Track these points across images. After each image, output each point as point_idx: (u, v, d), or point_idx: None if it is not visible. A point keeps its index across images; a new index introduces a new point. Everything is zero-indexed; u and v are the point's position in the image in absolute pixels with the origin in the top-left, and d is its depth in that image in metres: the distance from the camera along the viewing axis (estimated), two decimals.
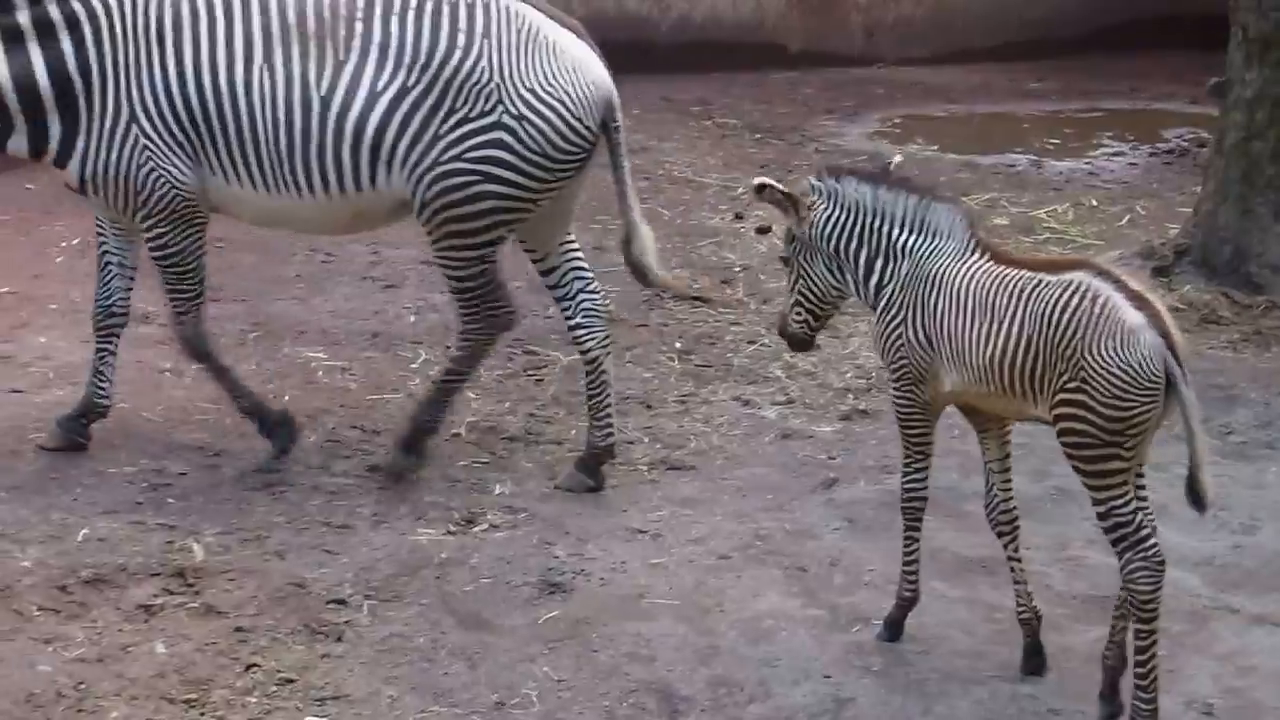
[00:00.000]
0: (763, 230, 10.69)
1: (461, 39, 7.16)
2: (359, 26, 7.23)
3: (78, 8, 7.24)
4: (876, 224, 6.17)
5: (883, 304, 6.14)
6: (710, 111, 14.01)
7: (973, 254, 6.04)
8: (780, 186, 6.32)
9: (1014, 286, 5.86)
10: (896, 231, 6.14)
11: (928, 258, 6.07)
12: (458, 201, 7.19)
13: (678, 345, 9.06)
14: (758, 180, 6.39)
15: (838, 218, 6.22)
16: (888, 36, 16.10)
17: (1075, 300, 5.71)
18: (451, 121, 7.15)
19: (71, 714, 5.78)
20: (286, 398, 8.30)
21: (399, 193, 7.26)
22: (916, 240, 6.11)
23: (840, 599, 6.64)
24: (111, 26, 7.24)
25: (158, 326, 8.80)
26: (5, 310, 9.28)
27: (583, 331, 7.54)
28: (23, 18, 7.24)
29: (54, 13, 7.24)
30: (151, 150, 7.24)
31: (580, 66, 7.30)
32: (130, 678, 5.98)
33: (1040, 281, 5.82)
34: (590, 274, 7.64)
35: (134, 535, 6.92)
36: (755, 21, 15.69)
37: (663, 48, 15.22)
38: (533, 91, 7.18)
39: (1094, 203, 11.81)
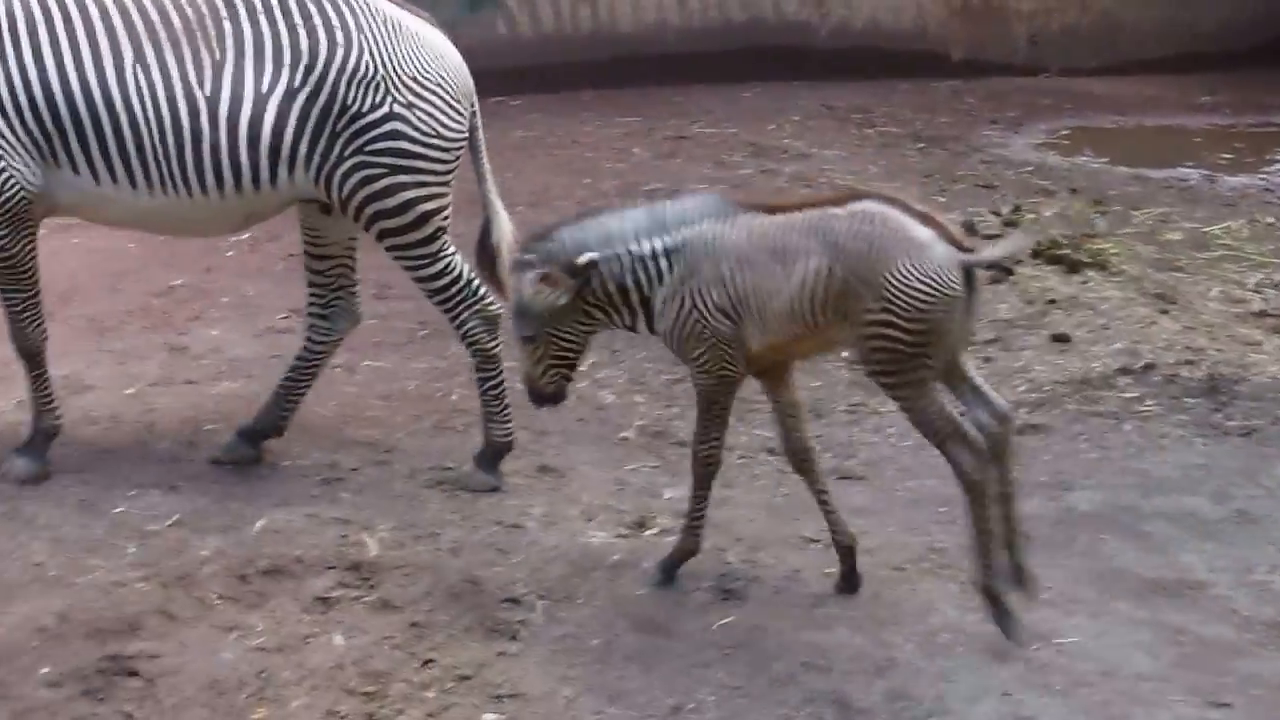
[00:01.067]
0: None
1: (339, 36, 7.22)
2: (228, 26, 7.22)
3: None
4: (620, 252, 6.39)
5: (668, 306, 6.37)
6: (871, 119, 13.97)
7: (741, 216, 6.33)
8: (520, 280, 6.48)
9: (803, 226, 6.19)
10: (643, 245, 6.38)
11: (694, 243, 6.32)
12: (376, 196, 7.25)
13: (845, 355, 9.01)
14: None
15: (599, 279, 6.40)
16: (1052, 46, 16.01)
17: (867, 226, 6.08)
18: (346, 118, 7.21)
19: (254, 701, 5.83)
20: (454, 396, 8.35)
21: (298, 190, 7.29)
22: (669, 238, 6.37)
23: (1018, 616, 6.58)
24: None
25: None
26: (179, 303, 9.40)
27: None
28: None
29: None
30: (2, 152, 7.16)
31: (444, 52, 7.45)
32: (310, 668, 6.02)
33: (829, 215, 6.16)
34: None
35: (309, 528, 6.97)
36: (916, 29, 15.64)
37: (821, 54, 15.20)
38: (414, 79, 7.28)
39: (1270, 220, 11.65)
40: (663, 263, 6.39)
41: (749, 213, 6.37)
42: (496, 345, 7.54)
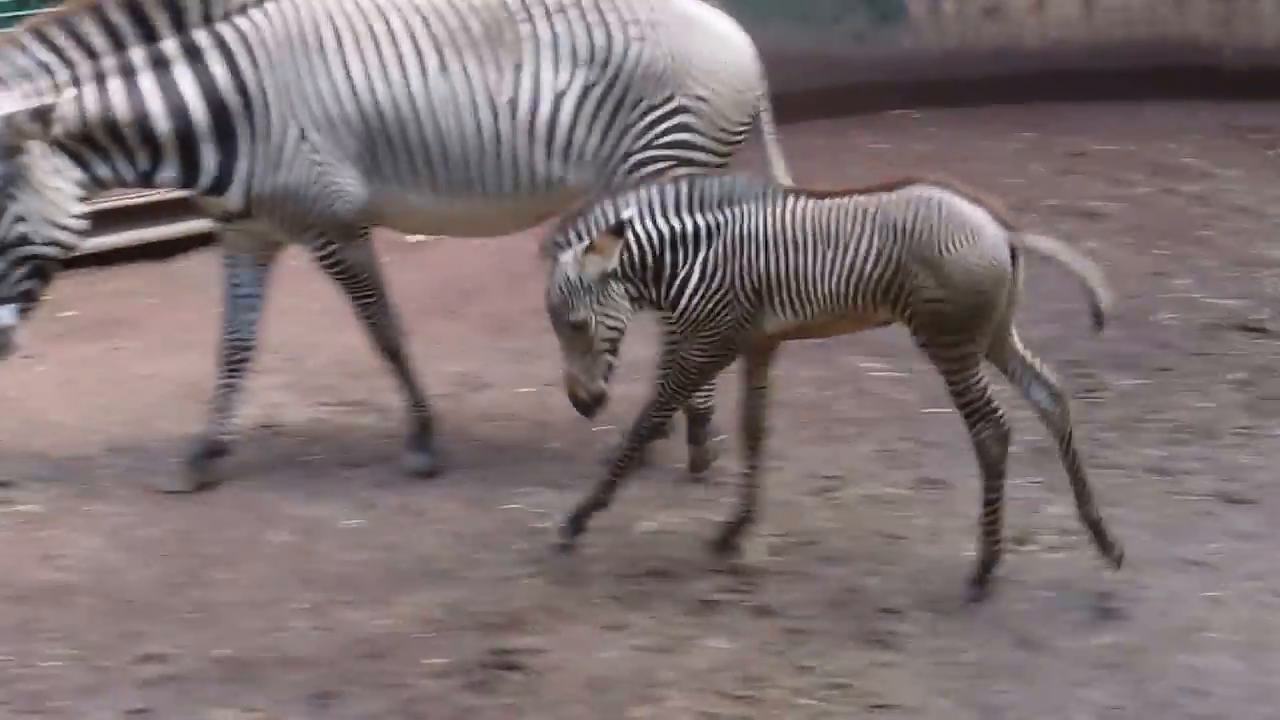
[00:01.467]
0: None
1: (633, 30, 7.29)
2: (525, 28, 7.33)
3: (226, 31, 7.28)
4: (659, 223, 6.53)
5: (700, 283, 6.51)
6: (1275, 141, 13.61)
7: (786, 200, 6.54)
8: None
9: (855, 212, 6.47)
10: (684, 219, 6.54)
11: (735, 223, 6.51)
12: None
13: (1238, 376, 8.84)
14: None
15: (639, 246, 6.51)
16: None
17: (925, 209, 6.38)
18: (638, 111, 7.29)
19: (633, 699, 5.97)
20: (840, 406, 8.41)
21: (583, 187, 7.35)
22: (709, 215, 6.54)
23: None
24: (265, 44, 7.29)
25: None
26: None
27: None
28: (169, 46, 7.26)
29: (202, 38, 7.27)
30: (324, 166, 7.31)
31: (733, 43, 7.48)
32: (689, 669, 6.14)
33: (883, 200, 6.46)
34: None
35: (694, 531, 7.10)
36: None
37: (1226, 72, 14.84)
38: (704, 72, 7.34)
39: None
40: (702, 238, 6.54)
41: (793, 197, 6.58)
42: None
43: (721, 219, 6.56)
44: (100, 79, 7.18)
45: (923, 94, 14.05)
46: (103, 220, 9.99)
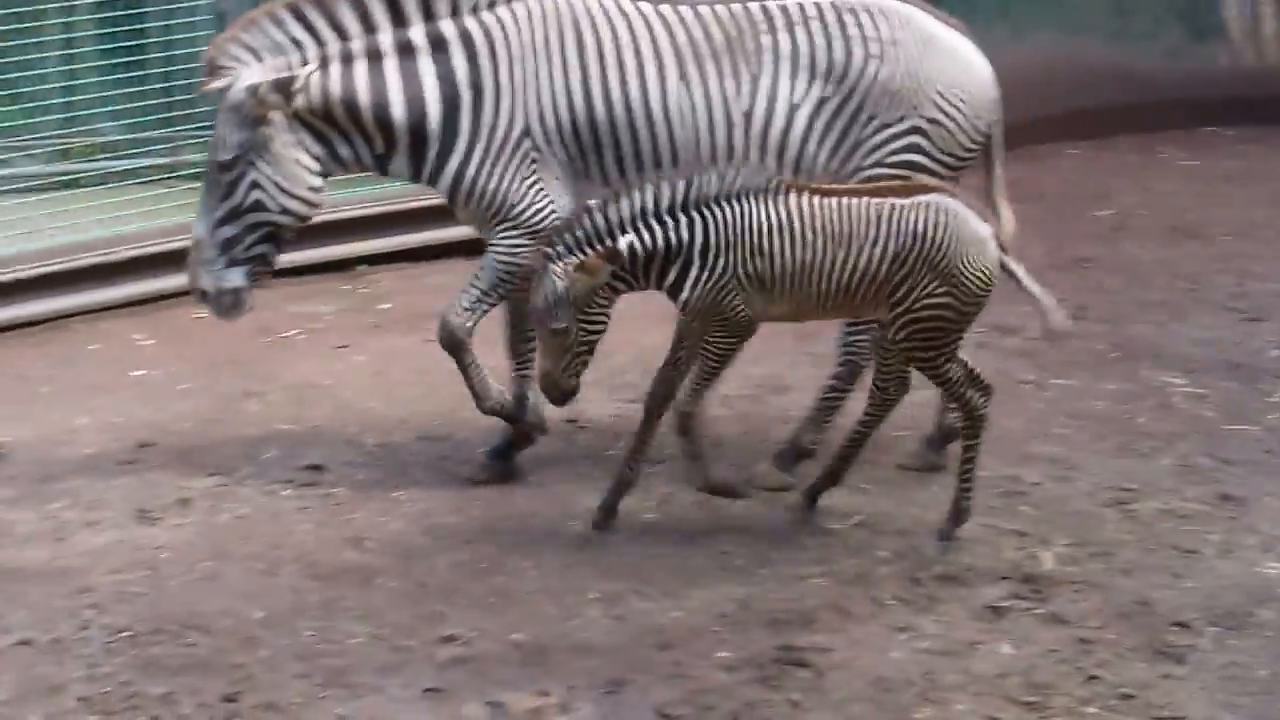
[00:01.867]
0: None
1: (873, 47, 7.27)
2: (766, 40, 7.31)
3: (471, 25, 7.38)
4: (654, 224, 6.77)
5: (703, 274, 6.77)
6: None
7: (789, 196, 6.78)
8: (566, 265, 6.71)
9: (868, 214, 6.75)
10: (679, 217, 6.76)
11: (736, 217, 6.74)
12: None
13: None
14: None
15: (646, 248, 6.77)
16: None
17: (943, 218, 6.71)
18: (871, 128, 7.29)
19: (918, 701, 5.99)
20: (1141, 420, 8.35)
21: None
22: (707, 212, 6.75)
23: None
24: (506, 43, 7.36)
25: (1023, 339, 9.02)
26: None
27: None
28: (416, 35, 7.40)
29: (448, 29, 7.38)
30: (537, 168, 7.36)
31: (972, 66, 7.43)
32: (975, 674, 6.15)
33: (900, 206, 6.74)
34: None
35: (986, 538, 7.11)
36: None
37: None
38: (940, 94, 7.31)
39: None
40: (698, 233, 6.74)
41: (796, 193, 6.79)
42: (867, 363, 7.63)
43: (721, 213, 6.75)
44: (347, 60, 7.37)
45: (1236, 111, 13.84)
46: (427, 217, 10.36)
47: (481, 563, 6.97)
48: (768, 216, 6.77)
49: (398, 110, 7.39)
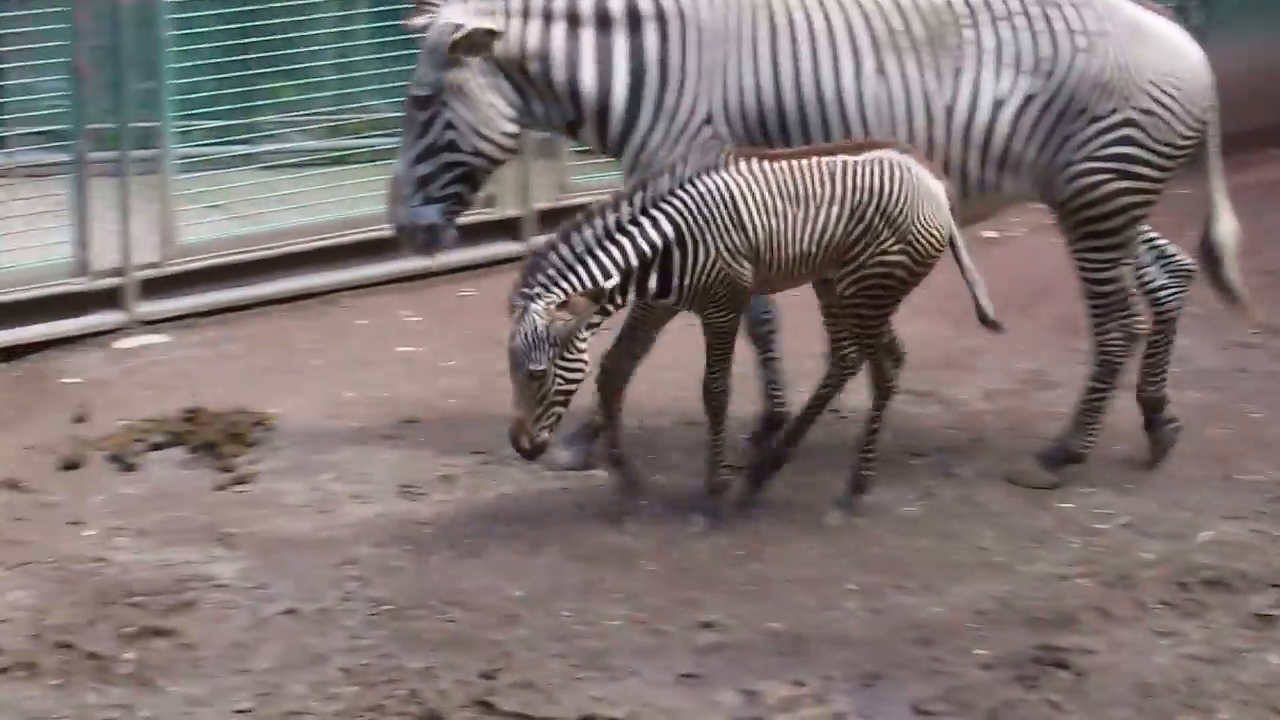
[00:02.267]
0: None
1: (1081, 40, 7.06)
2: (969, 33, 7.12)
3: (667, 3, 7.25)
4: (623, 242, 6.67)
5: (687, 263, 6.70)
6: None
7: (740, 164, 6.73)
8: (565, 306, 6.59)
9: (824, 172, 6.75)
10: (644, 222, 6.67)
11: (700, 198, 6.68)
12: (1094, 201, 7.15)
13: None
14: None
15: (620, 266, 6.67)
16: None
17: (899, 172, 6.75)
18: (1081, 122, 7.09)
19: (1180, 708, 5.89)
20: None
21: (1015, 194, 7.28)
22: (670, 204, 6.67)
23: None
24: (699, 24, 7.22)
25: None
26: None
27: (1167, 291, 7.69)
28: (615, 6, 7.28)
29: (645, 5, 7.25)
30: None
31: (1184, 53, 7.20)
32: (1241, 682, 6.02)
33: (854, 163, 6.76)
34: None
35: (1256, 543, 6.98)
36: None
37: None
38: (1152, 84, 7.09)
39: None
40: (667, 228, 6.68)
41: (747, 160, 6.76)
42: (1124, 361, 7.47)
43: (683, 200, 6.69)
44: (548, 18, 7.32)
45: None
46: None
47: (740, 549, 6.97)
48: (729, 188, 6.70)
49: (587, 82, 7.32)
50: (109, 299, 9.31)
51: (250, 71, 10.04)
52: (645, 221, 6.71)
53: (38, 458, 7.76)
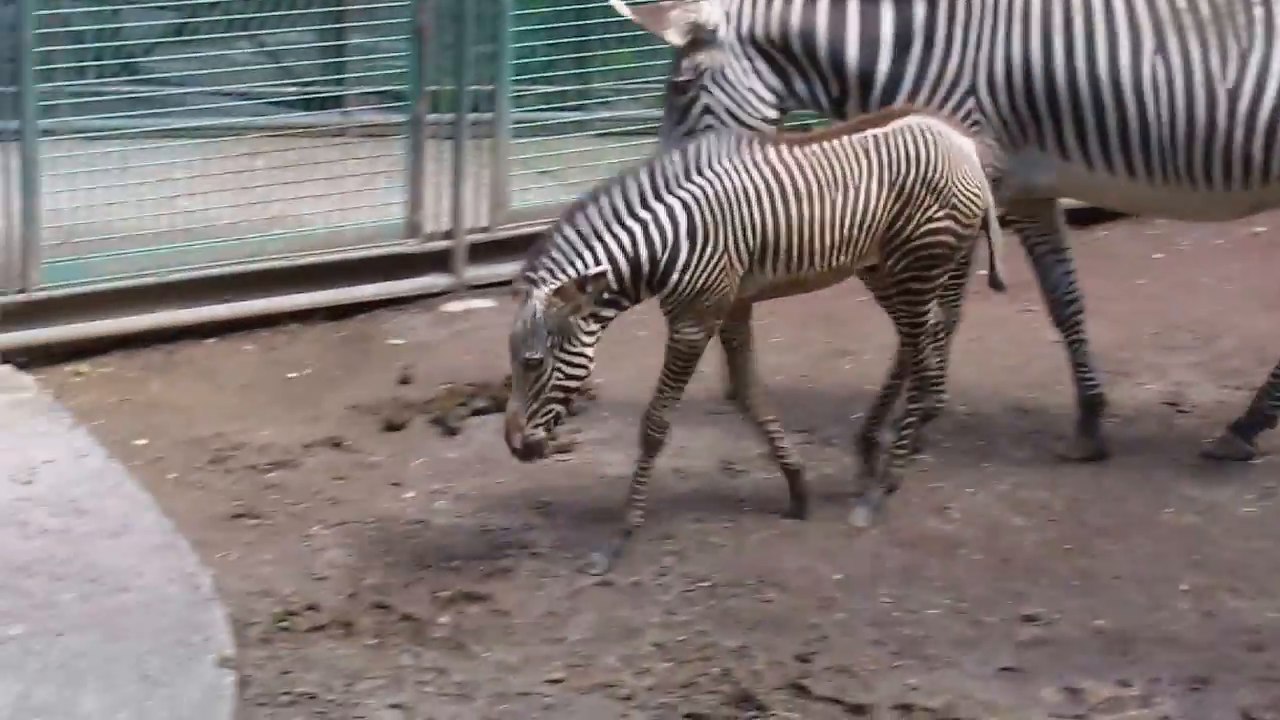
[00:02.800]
0: None
1: None
2: (1259, 11, 6.72)
3: None
4: (629, 226, 6.32)
5: (691, 259, 6.32)
6: None
7: (761, 152, 6.40)
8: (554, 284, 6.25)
9: (851, 151, 6.46)
10: (653, 208, 6.33)
11: (716, 189, 6.33)
12: None
13: None
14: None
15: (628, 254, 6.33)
16: None
17: (930, 136, 6.51)
18: None
19: None
20: None
21: None
22: (681, 191, 6.33)
23: None
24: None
25: None
26: None
27: None
28: None
29: None
30: (979, 130, 6.94)
31: None
32: None
33: (884, 134, 6.50)
34: None
35: None
36: None
37: None
38: None
39: None
40: (679, 218, 6.34)
41: (769, 147, 6.45)
42: None
43: (696, 189, 6.35)
44: None
45: None
46: None
47: (1067, 543, 6.81)
48: (748, 180, 6.39)
49: (852, 53, 7.14)
50: (438, 261, 9.35)
51: (587, 38, 10.02)
52: (658, 208, 6.40)
53: (361, 418, 7.83)
